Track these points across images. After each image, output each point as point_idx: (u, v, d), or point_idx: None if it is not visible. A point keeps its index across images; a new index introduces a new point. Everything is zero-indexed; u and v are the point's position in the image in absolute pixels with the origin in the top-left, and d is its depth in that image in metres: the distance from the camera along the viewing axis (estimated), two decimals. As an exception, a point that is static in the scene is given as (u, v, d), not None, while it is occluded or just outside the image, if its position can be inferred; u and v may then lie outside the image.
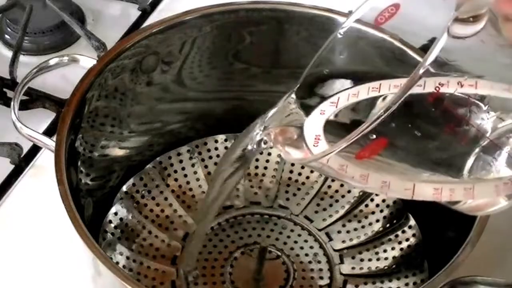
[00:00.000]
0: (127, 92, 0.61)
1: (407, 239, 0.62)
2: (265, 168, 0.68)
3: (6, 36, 0.81)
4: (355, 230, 0.64)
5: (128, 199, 0.64)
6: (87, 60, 0.58)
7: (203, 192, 0.66)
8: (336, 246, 0.63)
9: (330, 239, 0.64)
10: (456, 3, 0.39)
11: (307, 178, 0.67)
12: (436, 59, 0.37)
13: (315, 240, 0.63)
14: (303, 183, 0.67)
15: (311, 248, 0.63)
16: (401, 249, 0.61)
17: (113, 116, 0.61)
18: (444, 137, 0.41)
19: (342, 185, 0.66)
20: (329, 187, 0.67)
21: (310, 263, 0.62)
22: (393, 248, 0.62)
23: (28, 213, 0.65)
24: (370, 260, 0.62)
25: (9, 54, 0.77)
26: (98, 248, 0.47)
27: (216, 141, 0.68)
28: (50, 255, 0.62)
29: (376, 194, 0.65)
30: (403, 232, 0.63)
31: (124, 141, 0.63)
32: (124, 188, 0.64)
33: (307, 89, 0.49)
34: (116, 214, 0.62)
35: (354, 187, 0.64)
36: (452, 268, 0.48)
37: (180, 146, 0.67)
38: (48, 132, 0.70)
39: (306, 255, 0.62)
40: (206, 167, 0.68)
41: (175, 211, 0.65)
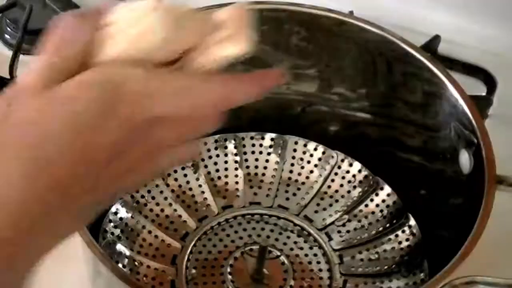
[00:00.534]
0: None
1: (407, 239, 0.62)
2: (265, 168, 0.68)
3: (6, 36, 0.81)
4: (355, 230, 0.64)
5: (128, 198, 0.64)
6: (87, 60, 0.58)
7: (203, 192, 0.66)
8: (335, 246, 0.63)
9: (330, 239, 0.64)
10: None
11: (307, 178, 0.67)
12: None
13: (315, 240, 0.63)
14: (303, 183, 0.67)
15: (311, 248, 0.63)
16: (401, 249, 0.61)
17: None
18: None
19: (342, 185, 0.66)
20: (329, 187, 0.67)
21: (310, 263, 0.62)
22: (393, 248, 0.62)
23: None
24: (370, 260, 0.62)
25: (9, 54, 0.77)
26: (98, 247, 0.47)
27: (216, 141, 0.68)
28: (49, 255, 0.62)
29: (376, 194, 0.65)
30: (403, 232, 0.63)
31: (124, 141, 0.63)
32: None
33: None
34: (116, 213, 0.62)
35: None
36: (452, 268, 0.48)
37: (180, 146, 0.67)
38: (48, 132, 0.69)
39: (306, 255, 0.62)
40: (206, 167, 0.67)
41: (175, 210, 0.65)
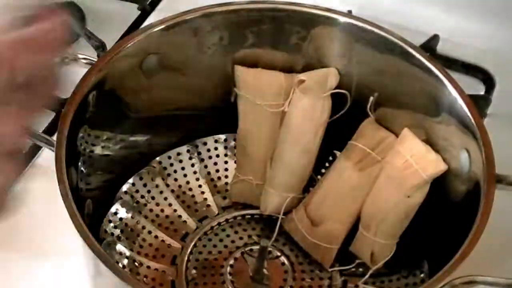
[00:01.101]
0: (127, 91, 0.61)
1: (407, 239, 0.62)
2: (265, 168, 0.68)
3: (6, 35, 0.81)
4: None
5: (128, 199, 0.64)
6: (87, 60, 0.58)
7: (202, 192, 0.66)
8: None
9: (330, 239, 0.64)
10: None
11: (307, 178, 0.67)
12: None
13: (315, 240, 0.63)
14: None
15: (311, 248, 0.63)
16: (401, 249, 0.61)
17: (113, 115, 0.61)
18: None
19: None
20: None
21: (310, 263, 0.62)
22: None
23: (27, 212, 0.65)
24: (370, 260, 0.62)
25: (8, 53, 0.77)
26: (99, 247, 0.47)
27: (216, 141, 0.68)
28: (50, 254, 0.62)
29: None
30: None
31: (124, 140, 0.63)
32: (124, 188, 0.64)
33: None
34: (116, 214, 0.62)
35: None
36: (452, 268, 0.48)
37: (180, 146, 0.67)
38: (48, 132, 0.69)
39: (306, 255, 0.62)
40: (206, 167, 0.67)
41: (174, 211, 0.65)
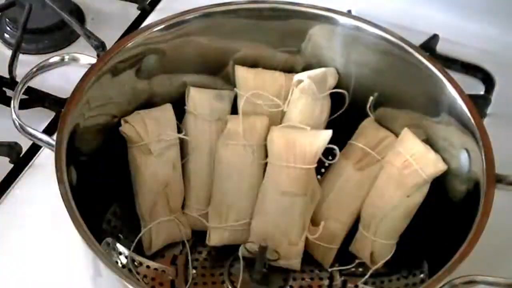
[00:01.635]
0: (127, 91, 0.61)
1: (407, 239, 0.62)
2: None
3: (6, 35, 0.81)
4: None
5: (127, 198, 0.63)
6: (86, 59, 0.58)
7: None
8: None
9: (330, 239, 0.63)
10: None
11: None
12: None
13: (315, 240, 0.63)
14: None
15: (310, 248, 0.63)
16: (401, 249, 0.61)
17: (113, 115, 0.60)
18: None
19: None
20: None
21: (310, 263, 0.62)
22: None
23: (27, 212, 0.65)
24: (370, 260, 0.62)
25: (8, 53, 0.77)
26: (99, 247, 0.47)
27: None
28: (50, 254, 0.62)
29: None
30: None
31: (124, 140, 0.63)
32: (124, 187, 0.64)
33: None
34: (115, 214, 0.62)
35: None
36: (452, 268, 0.48)
37: (179, 145, 0.67)
38: (48, 131, 0.69)
39: (306, 255, 0.62)
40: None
41: (174, 210, 0.65)
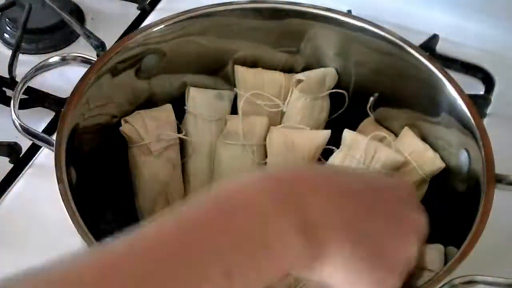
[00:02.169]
0: (127, 91, 0.61)
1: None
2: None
3: (5, 35, 0.81)
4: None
5: (127, 198, 0.63)
6: (86, 59, 0.58)
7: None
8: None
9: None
10: None
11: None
12: None
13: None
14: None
15: (310, 247, 0.63)
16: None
17: (113, 115, 0.61)
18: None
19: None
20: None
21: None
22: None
23: (27, 212, 0.65)
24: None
25: (8, 53, 0.77)
26: (98, 247, 0.47)
27: (216, 140, 0.68)
28: (49, 254, 0.62)
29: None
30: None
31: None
32: (124, 187, 0.64)
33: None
34: (115, 213, 0.62)
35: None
36: (451, 268, 0.48)
37: (179, 145, 0.67)
38: (47, 131, 0.69)
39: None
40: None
41: (174, 210, 0.64)
